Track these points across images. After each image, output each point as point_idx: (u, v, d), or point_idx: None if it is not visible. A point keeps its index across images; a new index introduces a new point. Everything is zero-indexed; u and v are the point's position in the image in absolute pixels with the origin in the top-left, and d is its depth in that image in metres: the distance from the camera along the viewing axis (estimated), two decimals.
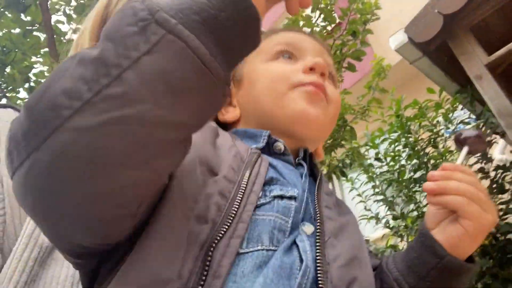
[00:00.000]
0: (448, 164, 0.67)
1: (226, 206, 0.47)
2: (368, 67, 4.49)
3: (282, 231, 0.50)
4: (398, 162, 3.30)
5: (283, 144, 0.67)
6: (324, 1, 3.03)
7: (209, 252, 0.42)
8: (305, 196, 0.58)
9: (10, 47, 2.92)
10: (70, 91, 0.35)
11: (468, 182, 0.63)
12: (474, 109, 3.21)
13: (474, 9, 2.64)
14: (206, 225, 0.44)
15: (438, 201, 0.64)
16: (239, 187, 0.50)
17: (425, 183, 0.66)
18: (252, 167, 0.54)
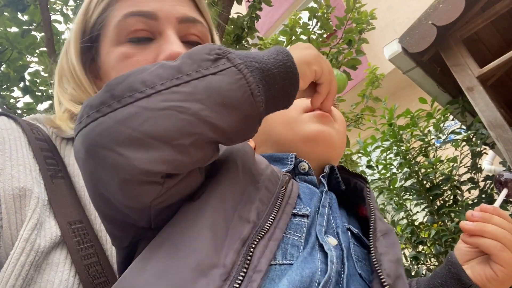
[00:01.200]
0: (487, 206, 0.68)
1: (266, 212, 0.52)
2: (362, 75, 4.55)
3: (295, 246, 0.52)
4: (389, 170, 3.34)
5: (307, 164, 0.70)
6: (321, 10, 3.07)
7: (250, 249, 0.46)
8: (326, 212, 0.61)
9: (6, 46, 2.91)
10: (147, 82, 0.45)
11: (506, 228, 0.65)
12: (465, 120, 3.26)
13: (467, 22, 2.70)
14: (248, 224, 0.49)
15: (473, 242, 0.66)
16: (277, 198, 0.55)
17: (463, 222, 0.67)
18: (286, 185, 0.60)
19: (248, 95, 0.47)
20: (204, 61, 0.48)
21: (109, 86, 0.46)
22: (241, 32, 2.68)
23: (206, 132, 0.46)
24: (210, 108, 0.45)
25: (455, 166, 3.05)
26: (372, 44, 4.02)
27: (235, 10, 2.63)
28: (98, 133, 0.44)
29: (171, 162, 0.44)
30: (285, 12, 8.92)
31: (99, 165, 0.44)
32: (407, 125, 3.19)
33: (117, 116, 0.43)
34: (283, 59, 0.52)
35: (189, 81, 0.46)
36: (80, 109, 0.47)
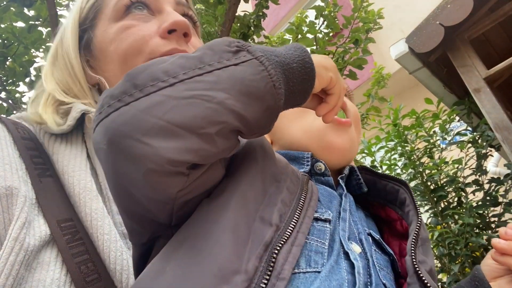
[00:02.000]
0: None
1: (288, 214, 0.51)
2: (368, 74, 4.53)
3: (319, 253, 0.51)
4: (393, 171, 3.32)
5: (324, 164, 0.69)
6: (327, 9, 3.05)
7: (273, 254, 0.45)
8: (347, 216, 0.60)
9: (12, 40, 2.92)
10: (169, 71, 0.45)
11: None
12: (471, 122, 3.24)
13: (475, 22, 2.68)
14: (270, 228, 0.47)
15: (504, 262, 0.64)
16: (298, 200, 0.54)
17: (495, 239, 0.66)
18: (307, 185, 0.58)
19: (270, 86, 0.47)
20: (225, 52, 0.47)
21: (130, 76, 0.45)
22: (247, 30, 2.67)
23: (231, 121, 0.45)
24: (235, 97, 0.45)
25: (460, 168, 3.03)
26: (378, 44, 4.00)
27: (242, 8, 2.62)
28: (121, 122, 0.42)
29: (197, 152, 0.44)
30: (291, 10, 8.89)
31: (123, 155, 0.43)
32: (412, 125, 3.18)
33: (141, 105, 0.42)
34: (301, 55, 0.52)
35: (212, 71, 0.45)
36: (99, 99, 0.46)
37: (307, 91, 0.54)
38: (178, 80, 0.44)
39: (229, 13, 2.30)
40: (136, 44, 0.73)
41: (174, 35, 0.75)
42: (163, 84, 0.43)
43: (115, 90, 0.45)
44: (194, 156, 0.43)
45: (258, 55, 0.48)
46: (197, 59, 0.46)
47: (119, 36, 0.74)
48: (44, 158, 0.68)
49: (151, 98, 0.43)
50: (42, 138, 0.71)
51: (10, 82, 3.11)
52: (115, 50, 0.74)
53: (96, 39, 0.77)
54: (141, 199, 0.45)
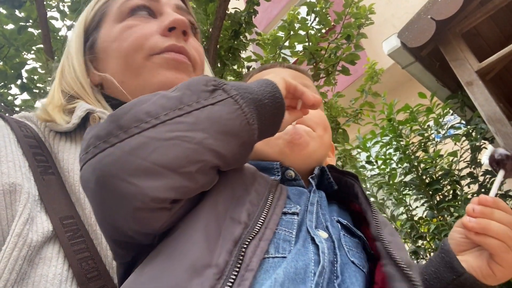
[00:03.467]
0: (487, 198, 0.67)
1: (256, 213, 0.54)
2: (361, 70, 4.54)
3: (287, 241, 0.55)
4: (389, 165, 3.33)
5: (293, 171, 0.73)
6: (319, 5, 3.05)
7: (242, 249, 0.48)
8: (314, 209, 0.64)
9: (3, 43, 2.89)
10: (151, 112, 0.48)
11: (507, 223, 0.64)
12: (464, 115, 3.25)
13: (466, 16, 2.69)
14: (239, 225, 0.51)
15: (479, 241, 0.65)
16: (266, 200, 0.58)
17: (466, 218, 0.66)
18: (275, 187, 0.63)
19: (245, 123, 0.52)
20: (202, 92, 0.51)
21: (114, 117, 0.48)
22: (239, 28, 2.67)
23: (210, 159, 0.49)
24: (213, 137, 0.49)
25: (455, 161, 3.05)
26: (371, 39, 4.00)
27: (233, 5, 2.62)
28: (108, 163, 0.45)
29: (179, 189, 0.47)
30: (284, 7, 8.89)
31: (110, 194, 0.46)
32: (407, 120, 3.19)
33: (126, 147, 0.46)
34: (272, 91, 0.57)
35: (191, 111, 0.49)
36: (85, 139, 0.50)
37: (278, 123, 0.60)
38: (160, 121, 0.47)
39: (220, 10, 2.30)
40: (137, 41, 0.77)
41: (173, 32, 0.79)
42: (146, 126, 0.47)
43: (101, 131, 0.48)
44: (176, 193, 0.47)
45: (233, 94, 0.52)
46: (177, 100, 0.50)
47: (122, 35, 0.78)
48: (47, 156, 0.69)
49: (135, 140, 0.46)
50: (47, 136, 0.73)
51: (1, 85, 3.09)
52: (118, 47, 0.77)
53: (100, 40, 0.81)
54: (128, 232, 0.49)
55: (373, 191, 3.44)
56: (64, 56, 0.86)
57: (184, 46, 0.80)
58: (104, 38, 0.80)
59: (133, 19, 0.79)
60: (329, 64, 3.11)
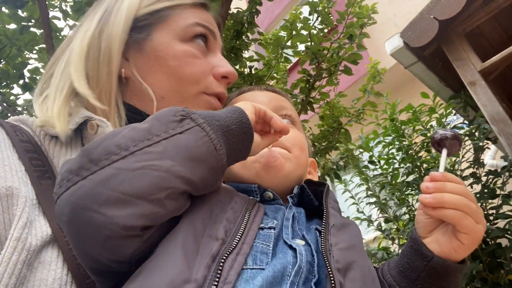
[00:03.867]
0: (437, 174, 0.69)
1: (233, 229, 0.57)
2: (363, 70, 4.52)
3: (264, 253, 0.58)
4: (391, 165, 3.33)
5: (271, 192, 0.76)
6: (321, 4, 3.04)
7: (220, 264, 0.50)
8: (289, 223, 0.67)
9: (5, 43, 2.90)
10: (121, 145, 0.51)
11: (460, 193, 0.66)
12: (467, 115, 3.24)
13: (469, 15, 2.68)
14: (217, 242, 0.54)
15: (437, 214, 0.66)
16: (243, 217, 0.61)
17: (421, 195, 0.68)
18: (253, 206, 0.66)
19: (212, 149, 0.55)
20: (170, 122, 0.55)
21: (86, 151, 0.51)
22: (241, 28, 2.66)
23: (178, 185, 0.52)
24: (180, 163, 0.52)
25: (458, 161, 3.04)
26: (373, 39, 3.99)
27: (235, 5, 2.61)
28: (79, 196, 0.48)
29: (149, 215, 0.50)
30: (286, 7, 8.87)
31: (83, 225, 0.49)
32: (409, 120, 3.18)
33: (96, 178, 0.48)
34: (239, 117, 0.61)
35: (159, 141, 0.52)
36: (59, 173, 0.52)
37: (247, 147, 0.64)
38: (129, 152, 0.50)
39: (222, 10, 2.29)
40: (198, 75, 0.81)
41: (224, 80, 0.86)
42: (116, 157, 0.50)
43: (73, 164, 0.51)
44: (146, 220, 0.50)
45: (200, 122, 0.56)
46: (146, 131, 0.53)
47: (185, 59, 0.80)
48: (43, 160, 0.68)
49: (105, 171, 0.49)
50: (43, 141, 0.72)
51: (4, 84, 3.10)
52: (177, 68, 0.80)
53: (154, 44, 0.80)
54: (103, 260, 0.51)
55: (376, 191, 3.43)
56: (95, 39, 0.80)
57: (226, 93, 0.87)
58: (161, 47, 0.80)
59: (195, 47, 0.82)
60: (331, 64, 3.10)
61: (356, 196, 3.69)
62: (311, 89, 3.17)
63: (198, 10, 0.87)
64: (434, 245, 0.68)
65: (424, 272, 0.67)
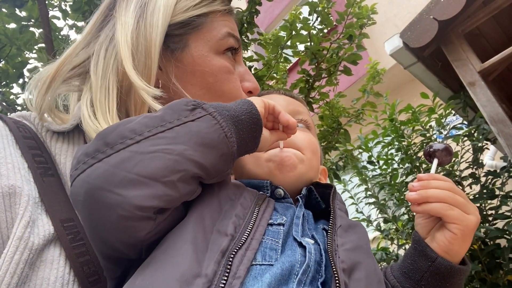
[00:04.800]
0: (423, 174, 0.73)
1: (242, 225, 0.58)
2: (363, 70, 4.53)
3: (273, 250, 0.58)
4: (391, 166, 3.33)
5: (283, 190, 0.76)
6: (321, 5, 3.04)
7: (229, 259, 0.51)
8: (300, 222, 0.67)
9: (5, 42, 2.90)
10: (135, 130, 0.53)
11: (446, 188, 0.69)
12: (466, 115, 3.24)
13: (469, 16, 2.68)
14: (226, 237, 0.54)
15: (422, 209, 0.69)
16: (252, 213, 0.61)
17: (407, 193, 0.71)
18: (262, 201, 0.66)
19: (223, 136, 0.57)
20: (183, 110, 0.57)
21: (101, 135, 0.53)
22: (241, 27, 2.66)
23: (190, 168, 0.53)
24: (192, 148, 0.54)
25: (457, 161, 3.04)
26: (373, 39, 3.99)
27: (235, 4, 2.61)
28: (95, 177, 0.49)
29: (162, 197, 0.51)
30: (286, 7, 8.88)
31: (98, 205, 0.49)
32: (409, 120, 3.18)
33: (112, 161, 0.50)
34: (249, 108, 0.63)
35: (172, 127, 0.54)
36: (74, 157, 0.54)
37: (256, 137, 0.65)
38: (143, 137, 0.52)
39: None
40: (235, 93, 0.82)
41: (249, 94, 0.87)
42: (131, 142, 0.52)
43: (89, 148, 0.52)
44: (159, 201, 0.51)
45: (211, 111, 0.57)
46: (159, 118, 0.55)
47: (222, 75, 0.81)
48: (46, 157, 0.68)
49: (121, 154, 0.50)
50: (44, 137, 0.72)
51: (3, 84, 3.10)
52: (214, 84, 0.80)
53: (191, 57, 0.79)
54: (115, 244, 0.52)
55: (375, 192, 3.43)
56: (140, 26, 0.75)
57: None
58: (198, 60, 0.78)
59: (228, 60, 0.82)
60: (331, 64, 3.10)
61: (355, 196, 3.69)
62: (311, 89, 3.17)
63: (227, 17, 0.86)
64: (432, 243, 0.70)
65: (428, 273, 0.68)
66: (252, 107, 0.63)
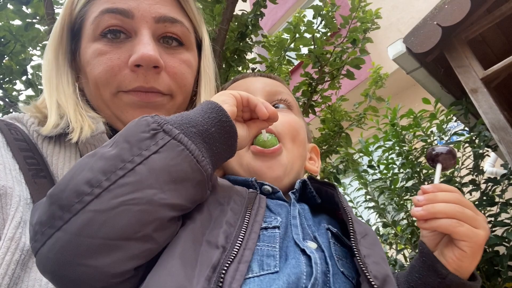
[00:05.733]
0: (427, 186, 0.67)
1: (234, 234, 0.53)
2: (365, 74, 4.53)
3: (271, 256, 0.53)
4: (391, 170, 3.33)
5: (269, 186, 0.71)
6: (325, 8, 3.05)
7: (221, 275, 0.46)
8: (298, 222, 0.63)
9: (9, 38, 2.90)
10: (91, 181, 0.45)
11: (453, 201, 0.64)
12: (468, 122, 3.25)
13: (473, 23, 2.68)
14: (217, 250, 0.49)
15: (430, 227, 0.64)
16: (243, 218, 0.56)
17: (413, 209, 0.66)
18: (253, 203, 0.61)
19: (194, 163, 0.50)
20: (142, 141, 0.48)
21: (54, 197, 0.45)
22: (245, 30, 2.67)
23: (165, 214, 0.47)
24: (162, 190, 0.47)
25: (457, 168, 3.04)
26: (376, 43, 4.00)
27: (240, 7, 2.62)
28: (58, 250, 0.43)
29: (140, 255, 0.46)
30: (289, 9, 8.88)
31: (68, 282, 0.44)
32: (410, 125, 3.19)
33: (72, 228, 0.43)
34: (218, 116, 0.55)
35: (133, 168, 0.46)
36: (30, 223, 0.47)
37: (232, 145, 0.58)
38: (102, 189, 0.44)
39: (227, 12, 2.30)
40: (105, 76, 0.73)
41: (142, 68, 0.73)
42: (89, 198, 0.44)
43: (43, 215, 0.45)
44: (137, 260, 0.46)
45: (175, 134, 0.49)
46: (117, 158, 0.47)
47: (93, 61, 0.73)
48: (38, 159, 0.67)
49: (80, 217, 0.43)
50: (36, 140, 0.71)
51: (7, 80, 3.10)
52: (90, 73, 0.74)
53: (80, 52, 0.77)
54: None
55: (375, 196, 3.43)
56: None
57: (153, 86, 0.75)
58: (82, 56, 0.77)
59: (105, 43, 0.74)
60: (334, 67, 3.11)
61: (354, 200, 3.69)
62: (313, 92, 3.17)
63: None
64: (442, 259, 0.65)
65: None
66: (221, 113, 0.56)
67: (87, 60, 0.74)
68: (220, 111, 0.56)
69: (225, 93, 0.63)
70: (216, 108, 0.56)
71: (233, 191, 0.63)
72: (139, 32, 0.75)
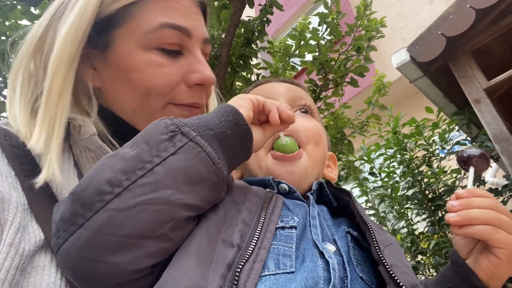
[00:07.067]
0: (462, 191, 0.66)
1: (249, 233, 0.53)
2: (369, 82, 4.54)
3: (287, 256, 0.53)
4: (392, 179, 3.33)
5: (287, 185, 0.71)
6: (331, 16, 3.07)
7: (236, 273, 0.47)
8: (317, 222, 0.63)
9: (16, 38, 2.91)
10: (112, 180, 0.47)
11: (489, 207, 0.62)
12: (470, 132, 3.25)
13: (477, 33, 2.70)
14: (232, 249, 0.50)
15: (465, 233, 0.63)
16: (259, 217, 0.57)
17: (448, 214, 0.64)
18: (269, 202, 0.61)
19: (210, 165, 0.51)
20: (160, 142, 0.50)
21: (75, 195, 0.48)
22: (251, 36, 2.69)
23: (181, 214, 0.49)
24: (179, 190, 0.49)
25: (459, 178, 3.04)
26: (379, 51, 4.01)
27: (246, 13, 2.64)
28: (79, 247, 0.46)
29: (157, 253, 0.48)
30: (294, 15, 8.92)
31: (88, 277, 0.46)
32: (412, 134, 3.19)
33: (93, 225, 0.45)
34: (234, 119, 0.57)
35: (152, 168, 0.48)
36: (53, 221, 0.49)
37: (248, 148, 0.59)
38: (122, 188, 0.47)
39: (234, 18, 2.32)
40: (164, 88, 0.73)
41: (199, 87, 0.77)
42: (109, 197, 0.46)
43: (65, 213, 0.47)
44: (154, 258, 0.48)
45: (192, 136, 0.51)
46: (136, 159, 0.49)
47: (148, 70, 0.72)
48: (33, 165, 0.66)
49: (101, 216, 0.45)
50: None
51: None
52: (140, 81, 0.72)
53: (116, 53, 0.73)
54: None
55: (375, 204, 3.43)
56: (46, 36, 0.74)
57: (203, 103, 0.80)
58: (123, 58, 0.73)
59: (161, 55, 0.73)
60: (338, 75, 3.13)
61: None
62: (317, 99, 3.19)
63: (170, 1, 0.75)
64: (475, 266, 0.64)
65: None
66: (237, 117, 0.57)
67: (136, 67, 0.72)
68: (237, 114, 0.57)
69: (242, 97, 0.64)
70: (233, 111, 0.57)
71: (249, 191, 0.64)
72: (193, 51, 0.78)
